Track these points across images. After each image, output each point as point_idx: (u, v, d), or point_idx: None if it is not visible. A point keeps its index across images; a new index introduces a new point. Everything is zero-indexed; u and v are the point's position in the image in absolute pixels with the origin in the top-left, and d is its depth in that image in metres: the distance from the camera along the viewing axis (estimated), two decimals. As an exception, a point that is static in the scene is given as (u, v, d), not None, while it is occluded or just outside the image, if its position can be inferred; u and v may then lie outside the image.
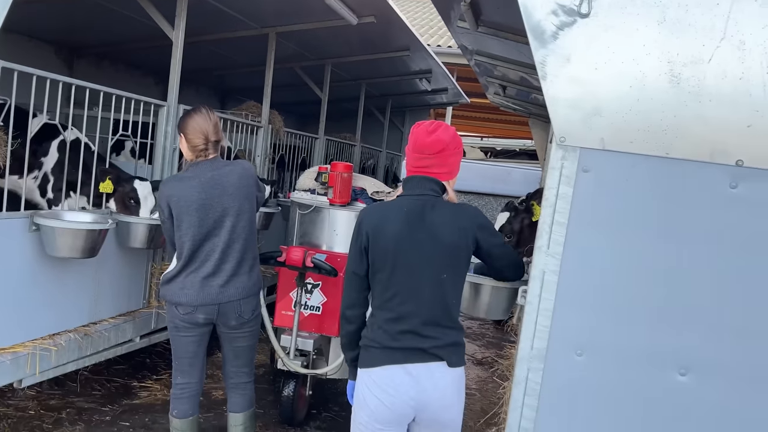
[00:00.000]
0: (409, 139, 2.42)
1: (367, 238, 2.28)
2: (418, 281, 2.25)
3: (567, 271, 2.35)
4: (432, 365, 2.25)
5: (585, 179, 2.33)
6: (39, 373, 3.34)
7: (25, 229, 3.21)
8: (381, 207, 2.39)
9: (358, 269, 2.33)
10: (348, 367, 2.48)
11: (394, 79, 8.58)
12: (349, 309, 2.37)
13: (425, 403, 2.25)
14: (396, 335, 2.26)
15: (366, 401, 2.31)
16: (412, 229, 2.26)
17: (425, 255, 2.26)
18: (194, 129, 3.05)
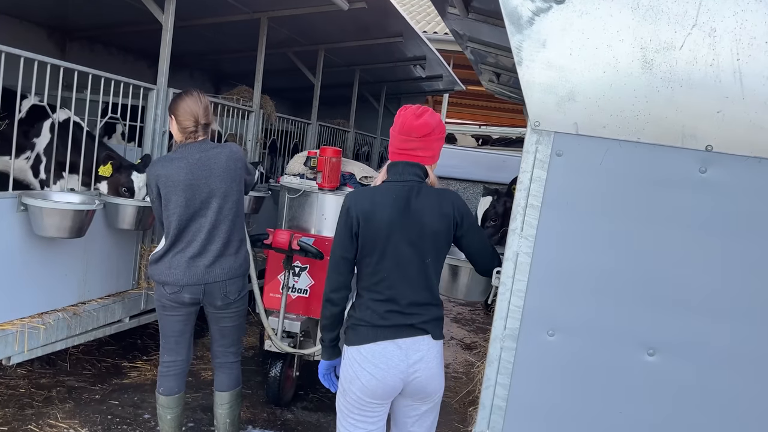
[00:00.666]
0: (395, 122, 2.45)
1: (358, 222, 2.33)
2: (405, 265, 2.35)
3: (540, 253, 2.40)
4: (418, 338, 2.38)
5: (558, 163, 2.37)
6: (27, 351, 3.40)
7: (13, 209, 3.25)
8: (369, 192, 2.42)
9: (347, 253, 2.39)
10: (324, 347, 2.54)
11: (389, 65, 8.59)
12: (334, 292, 2.42)
13: (413, 374, 2.37)
14: (384, 314, 2.37)
15: (357, 376, 2.39)
16: (400, 216, 2.34)
17: (412, 241, 2.34)
18: (185, 111, 3.10)
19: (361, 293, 2.43)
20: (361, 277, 2.42)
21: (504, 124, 18.05)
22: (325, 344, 2.53)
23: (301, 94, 9.17)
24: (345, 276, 2.41)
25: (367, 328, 2.39)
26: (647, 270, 2.35)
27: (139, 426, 3.89)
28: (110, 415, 3.98)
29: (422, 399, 2.48)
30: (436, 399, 2.52)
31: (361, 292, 2.43)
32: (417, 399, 2.47)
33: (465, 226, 2.47)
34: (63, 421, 3.81)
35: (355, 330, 2.42)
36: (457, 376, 5.47)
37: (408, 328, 2.39)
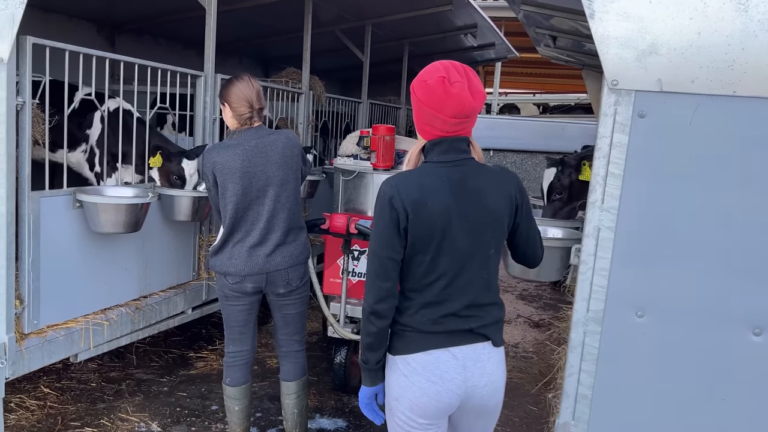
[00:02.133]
0: (432, 100, 1.92)
1: (406, 215, 1.90)
2: (465, 260, 1.95)
3: (624, 226, 2.17)
4: (478, 346, 1.99)
5: (641, 125, 2.13)
6: (93, 347, 3.40)
7: (69, 206, 3.23)
8: (413, 176, 1.96)
9: (394, 253, 1.93)
10: (368, 371, 2.05)
11: (438, 36, 8.29)
12: (381, 302, 1.95)
13: (472, 389, 1.98)
14: (438, 319, 1.97)
15: (405, 392, 1.98)
16: (459, 202, 1.93)
17: (474, 230, 1.94)
18: (238, 97, 2.99)
19: (408, 295, 2.00)
20: (409, 278, 1.99)
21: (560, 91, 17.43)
22: (368, 366, 2.04)
23: (350, 73, 9.00)
24: (393, 282, 1.96)
25: (416, 334, 1.98)
26: (749, 241, 2.09)
27: (207, 418, 3.87)
28: (179, 407, 3.98)
29: (483, 416, 2.08)
30: (497, 411, 2.11)
31: (408, 294, 2.01)
32: (476, 416, 2.07)
33: (524, 211, 2.06)
34: (134, 415, 3.83)
35: (401, 337, 2.01)
36: (527, 355, 5.26)
37: (465, 334, 1.98)
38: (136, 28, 6.60)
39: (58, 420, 3.69)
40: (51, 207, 3.11)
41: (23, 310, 3.02)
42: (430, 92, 1.92)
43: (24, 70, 2.87)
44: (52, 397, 3.96)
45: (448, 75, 1.92)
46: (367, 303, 1.98)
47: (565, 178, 3.30)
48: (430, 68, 1.97)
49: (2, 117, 2.77)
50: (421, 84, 1.95)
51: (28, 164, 2.95)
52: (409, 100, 8.83)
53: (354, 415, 4.02)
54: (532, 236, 2.13)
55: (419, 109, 1.98)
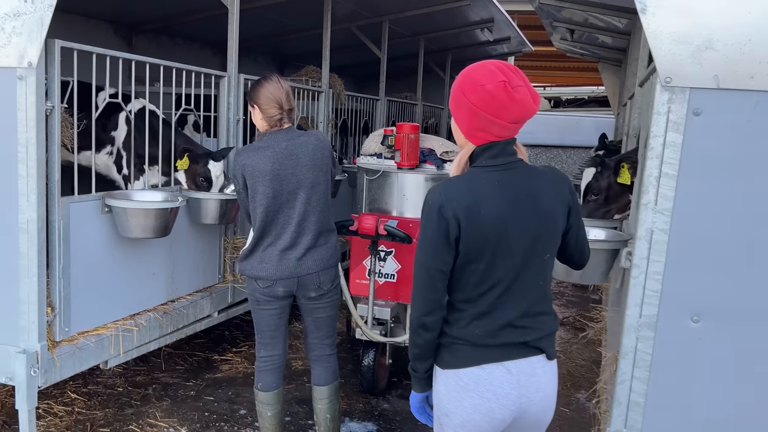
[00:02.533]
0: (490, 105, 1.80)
1: (458, 224, 1.81)
2: (520, 266, 1.86)
3: (679, 228, 2.10)
4: (533, 360, 1.89)
5: (696, 123, 2.05)
6: (123, 353, 3.36)
7: (97, 211, 3.18)
8: (463, 184, 1.86)
9: (443, 264, 1.85)
10: (418, 379, 2.01)
11: (454, 31, 8.22)
12: (429, 315, 1.88)
13: (527, 405, 1.89)
14: (494, 332, 1.87)
15: (455, 408, 1.90)
16: (513, 206, 1.84)
17: (531, 234, 1.86)
18: (268, 98, 2.94)
19: (459, 306, 1.91)
20: (461, 288, 1.89)
21: (572, 84, 17.28)
22: (419, 375, 2.00)
23: (364, 69, 8.94)
24: (441, 293, 1.88)
25: (468, 348, 1.89)
26: (810, 241, 2.01)
27: (236, 422, 3.83)
28: (207, 412, 3.94)
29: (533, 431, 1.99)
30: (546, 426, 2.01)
31: (459, 305, 1.91)
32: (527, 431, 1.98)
33: (575, 214, 1.97)
34: (162, 420, 3.79)
35: (451, 349, 1.92)
36: (553, 354, 5.19)
37: (520, 347, 1.88)
38: (154, 28, 6.56)
39: (87, 426, 3.66)
40: (80, 212, 3.07)
41: (54, 318, 2.99)
42: (489, 97, 1.80)
43: (52, 74, 2.83)
44: (80, 403, 3.93)
45: (508, 79, 1.80)
46: (414, 315, 1.91)
47: (604, 180, 3.22)
48: (482, 71, 1.84)
49: (32, 122, 2.73)
50: (477, 88, 1.82)
51: (57, 169, 2.91)
52: (426, 96, 8.62)
53: (384, 419, 3.97)
54: (581, 237, 2.04)
55: (473, 114, 1.85)
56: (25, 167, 2.75)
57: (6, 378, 2.89)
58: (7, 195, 2.79)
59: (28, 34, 2.69)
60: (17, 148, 2.75)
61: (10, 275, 2.83)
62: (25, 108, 2.73)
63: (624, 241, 2.55)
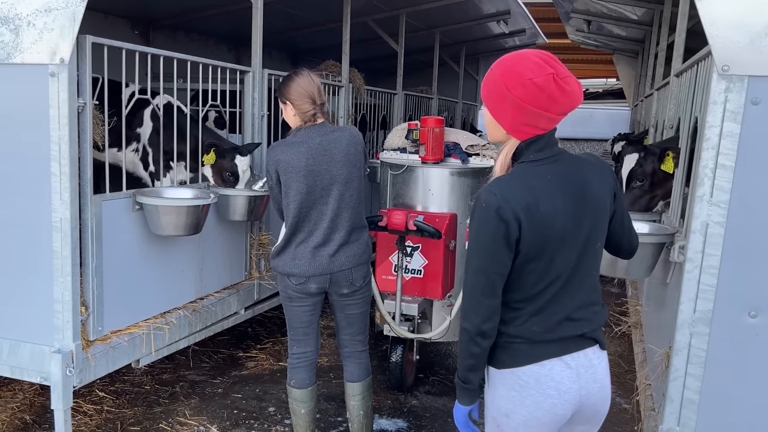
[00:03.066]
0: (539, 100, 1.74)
1: (518, 224, 1.74)
2: (576, 258, 1.81)
3: (736, 221, 2.04)
4: (588, 351, 1.86)
5: (755, 113, 1.99)
6: (154, 352, 3.34)
7: (128, 208, 3.15)
8: (517, 181, 1.80)
9: (503, 268, 1.78)
10: (466, 390, 1.91)
11: (470, 24, 8.15)
12: (487, 322, 1.81)
13: (587, 398, 1.86)
14: (552, 327, 1.83)
15: (516, 408, 1.85)
16: (569, 199, 1.79)
17: (583, 224, 1.81)
18: (300, 94, 2.89)
19: (515, 306, 1.85)
20: (518, 288, 1.83)
21: (585, 77, 17.14)
22: (471, 387, 1.91)
23: (377, 63, 8.87)
24: (500, 297, 1.82)
25: (526, 345, 1.84)
26: None
27: (266, 420, 3.81)
28: (236, 410, 3.92)
29: (592, 423, 1.95)
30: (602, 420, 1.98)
31: (515, 304, 1.85)
32: (587, 423, 1.94)
33: (618, 200, 1.93)
34: (192, 418, 3.77)
35: (507, 349, 1.86)
36: (579, 349, 5.14)
37: (577, 340, 1.85)
38: (170, 24, 6.52)
39: (117, 425, 3.64)
40: (112, 210, 3.04)
41: (88, 317, 2.96)
42: (538, 91, 1.73)
43: (84, 70, 2.80)
44: (109, 402, 3.91)
45: (556, 71, 1.74)
46: (471, 324, 1.82)
47: (648, 165, 3.15)
48: (527, 63, 1.76)
49: (64, 119, 2.70)
50: (525, 82, 1.75)
51: (89, 167, 2.88)
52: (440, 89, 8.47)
53: (413, 416, 3.94)
54: (627, 223, 1.99)
55: (519, 109, 1.77)
56: (58, 165, 2.72)
57: (41, 378, 2.87)
58: (41, 193, 2.76)
59: (60, 29, 2.66)
60: (50, 146, 2.72)
61: (44, 274, 2.81)
62: (57, 105, 2.70)
63: (670, 235, 2.50)
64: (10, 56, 2.75)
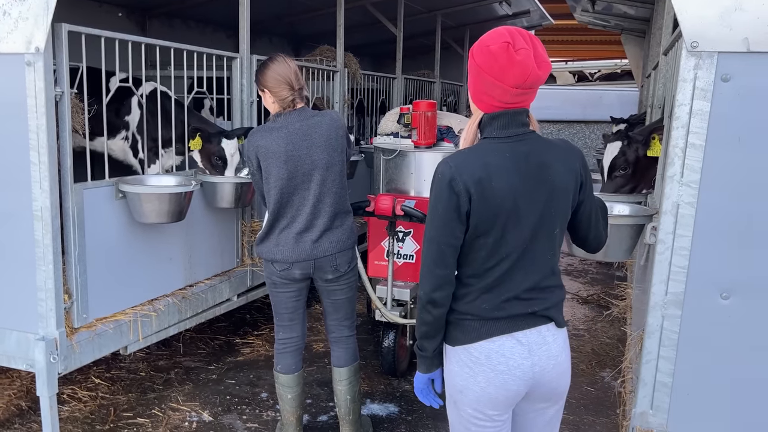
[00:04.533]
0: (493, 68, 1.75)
1: (469, 197, 1.76)
2: (529, 240, 1.82)
3: (706, 201, 2.00)
4: (542, 329, 1.87)
5: (725, 90, 1.94)
6: (142, 339, 3.37)
7: (112, 196, 3.17)
8: (474, 156, 1.81)
9: (454, 239, 1.81)
10: (424, 358, 1.96)
11: (472, 5, 8.05)
12: (438, 290, 1.85)
13: (540, 374, 1.87)
14: (500, 304, 1.85)
15: (469, 384, 1.88)
16: (525, 179, 1.79)
17: (540, 208, 1.82)
18: (276, 80, 2.87)
19: (466, 281, 1.88)
20: (469, 263, 1.86)
21: (594, 57, 16.90)
22: (426, 354, 1.95)
23: (380, 48, 8.81)
24: (451, 268, 1.85)
25: (476, 322, 1.86)
26: None
27: (257, 405, 3.83)
28: (228, 396, 3.95)
29: (552, 401, 1.97)
30: (564, 394, 1.99)
31: (466, 280, 1.88)
32: (545, 401, 1.96)
33: (587, 188, 1.91)
34: (184, 404, 3.81)
35: (459, 326, 1.90)
36: (578, 333, 5.11)
37: (528, 318, 1.86)
38: (167, 12, 6.51)
39: (110, 411, 3.69)
40: (94, 198, 3.05)
41: (72, 305, 2.99)
42: (492, 58, 1.74)
43: (61, 58, 2.80)
44: (103, 388, 3.96)
45: (513, 41, 1.73)
46: (423, 291, 1.87)
47: (631, 153, 3.10)
48: (492, 33, 1.78)
49: (41, 108, 2.71)
50: (482, 49, 1.77)
51: (69, 156, 2.89)
52: (444, 73, 8.49)
53: (405, 400, 3.94)
54: (595, 215, 1.96)
55: (477, 76, 1.81)
56: (36, 154, 2.74)
57: (26, 365, 2.90)
58: (21, 182, 2.78)
59: (35, 18, 2.66)
60: (28, 135, 2.73)
61: (27, 263, 2.83)
62: (34, 94, 2.70)
63: (649, 216, 2.46)
64: (-13, 46, 2.75)
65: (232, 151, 3.85)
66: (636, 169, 3.17)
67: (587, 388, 4.13)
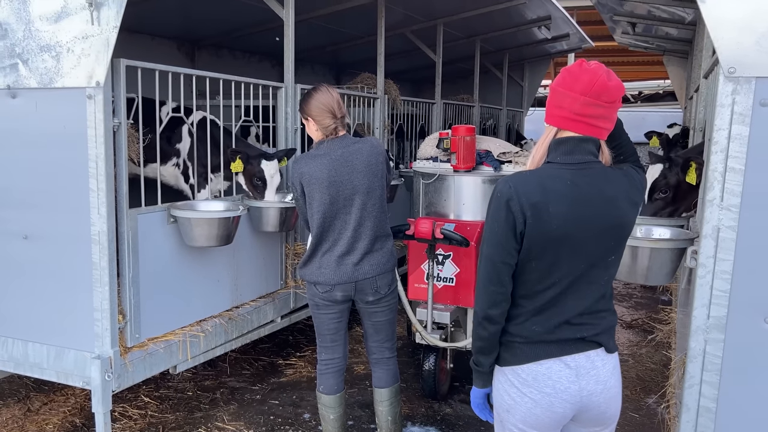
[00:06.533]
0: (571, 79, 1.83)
1: (524, 218, 1.80)
2: (583, 267, 1.85)
3: (747, 225, 2.00)
4: (591, 353, 1.89)
5: (764, 115, 1.96)
6: (190, 359, 3.48)
7: (164, 221, 3.31)
8: (534, 178, 1.86)
9: (509, 257, 1.85)
10: (480, 373, 2.02)
11: (510, 31, 8.11)
12: (494, 308, 1.89)
13: (588, 398, 1.89)
14: (552, 329, 1.88)
15: (516, 404, 1.92)
16: (583, 208, 1.82)
17: (597, 237, 1.84)
18: (319, 109, 2.99)
19: (518, 302, 1.93)
20: (520, 284, 1.91)
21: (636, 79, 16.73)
22: (482, 370, 2.01)
23: (420, 73, 8.94)
24: (507, 286, 1.89)
25: (525, 345, 1.91)
26: None
27: (300, 426, 3.90)
28: (272, 416, 4.03)
29: (602, 425, 1.98)
30: (615, 419, 2.00)
31: (518, 300, 1.93)
32: (595, 425, 1.97)
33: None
34: (230, 424, 3.90)
35: (509, 347, 1.95)
36: (622, 359, 5.03)
37: (578, 343, 1.89)
38: (215, 43, 6.78)
39: (159, 429, 3.81)
40: (147, 223, 3.20)
41: (126, 325, 3.12)
42: (566, 73, 1.86)
43: (119, 91, 2.97)
44: (152, 406, 4.09)
45: (586, 61, 1.87)
46: (479, 307, 1.92)
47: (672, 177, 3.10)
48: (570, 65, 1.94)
49: (101, 138, 2.87)
50: (561, 72, 1.89)
51: (125, 183, 3.04)
52: (483, 97, 8.50)
53: (446, 423, 3.95)
54: None
55: (552, 94, 1.90)
56: (95, 181, 2.90)
57: (83, 382, 3.04)
58: (80, 208, 2.94)
59: (96, 54, 2.84)
60: (88, 164, 2.90)
61: (84, 284, 2.98)
62: (94, 125, 2.87)
63: (690, 240, 2.46)
64: (52, 81, 2.95)
65: (272, 171, 3.96)
66: (677, 192, 3.16)
67: (632, 414, 4.06)
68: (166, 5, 5.19)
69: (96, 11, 2.79)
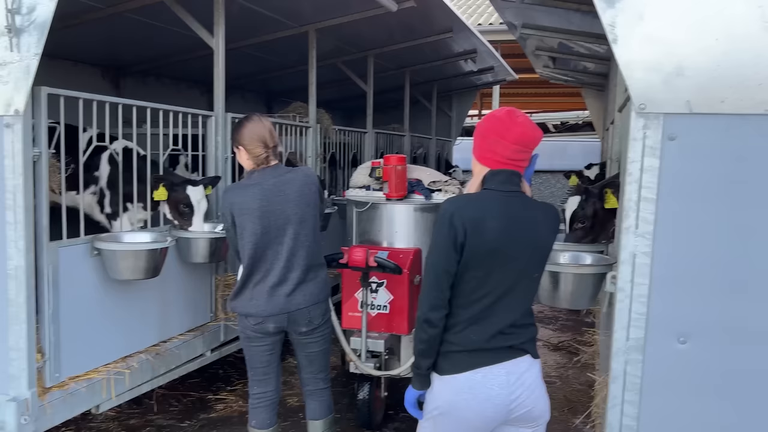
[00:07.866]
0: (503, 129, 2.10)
1: (465, 232, 2.04)
2: (513, 281, 2.09)
3: (661, 250, 2.13)
4: (519, 360, 2.12)
5: (672, 148, 2.10)
6: (115, 397, 3.33)
7: (87, 254, 3.19)
8: (474, 199, 2.14)
9: (450, 266, 2.07)
10: (418, 375, 2.19)
11: (438, 63, 8.36)
12: (434, 311, 2.10)
13: (516, 402, 2.10)
14: (488, 338, 2.09)
15: (451, 409, 2.11)
16: (514, 226, 2.08)
17: (524, 254, 2.10)
18: (251, 138, 2.98)
19: (455, 311, 2.12)
20: (458, 293, 2.11)
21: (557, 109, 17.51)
22: (420, 372, 2.18)
23: (352, 103, 9.04)
24: (446, 292, 2.10)
25: (463, 354, 2.11)
26: (790, 259, 2.04)
27: (232, 463, 3.79)
28: (202, 453, 3.89)
29: (529, 425, 2.17)
30: (544, 420, 2.20)
31: (455, 310, 2.12)
32: (524, 424, 2.16)
33: None
34: (157, 464, 3.74)
35: (447, 357, 2.13)
36: (549, 380, 5.17)
37: (508, 351, 2.11)
38: (140, 70, 6.63)
39: (80, 473, 3.61)
40: (69, 257, 3.08)
41: (44, 364, 2.97)
42: (497, 121, 2.13)
43: (39, 120, 2.86)
44: (73, 449, 3.88)
45: (514, 111, 2.15)
46: (421, 311, 2.12)
47: (589, 207, 3.27)
48: (495, 110, 2.22)
49: (19, 169, 2.75)
50: (488, 117, 2.18)
51: (45, 215, 2.92)
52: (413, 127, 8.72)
53: (381, 453, 3.93)
54: None
55: (483, 138, 2.16)
56: (13, 214, 2.77)
57: (-3, 427, 2.85)
58: (-4, 242, 2.80)
59: (15, 82, 2.73)
60: (5, 195, 2.77)
61: (-1, 322, 2.82)
62: (12, 155, 2.75)
63: (609, 265, 2.58)
64: (-33, 109, 2.81)
65: (199, 197, 3.86)
66: (595, 221, 3.33)
67: (561, 436, 4.17)
68: (88, 31, 5.05)
69: (16, 38, 2.70)
